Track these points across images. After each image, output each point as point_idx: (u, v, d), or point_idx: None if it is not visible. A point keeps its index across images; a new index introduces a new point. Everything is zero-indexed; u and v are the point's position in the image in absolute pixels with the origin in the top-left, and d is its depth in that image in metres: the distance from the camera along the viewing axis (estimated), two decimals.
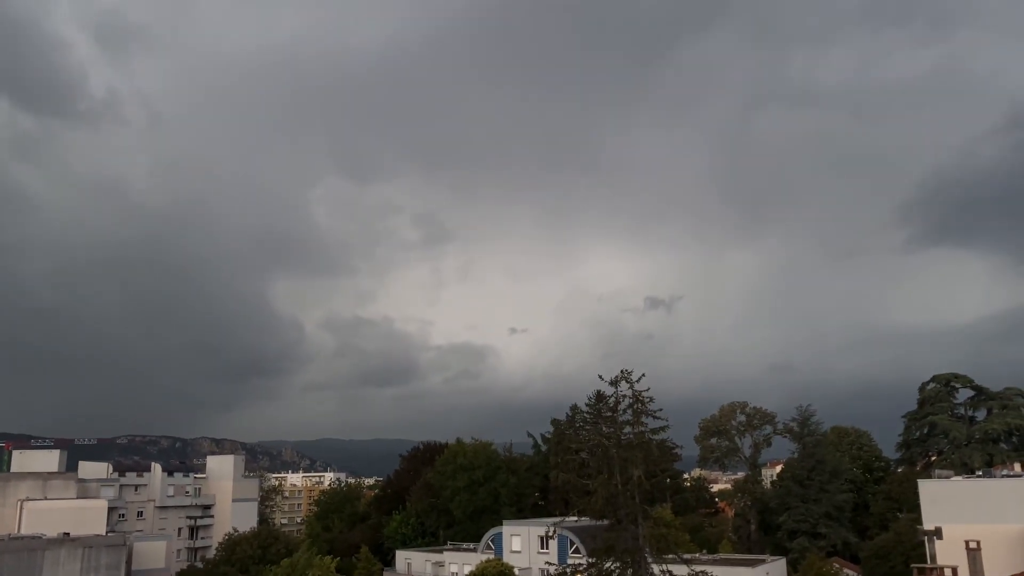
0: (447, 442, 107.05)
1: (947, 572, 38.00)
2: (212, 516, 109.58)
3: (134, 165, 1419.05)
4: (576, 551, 66.15)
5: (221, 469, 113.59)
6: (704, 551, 72.81)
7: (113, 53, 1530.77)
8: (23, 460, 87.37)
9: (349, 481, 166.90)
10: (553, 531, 60.07)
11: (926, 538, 45.61)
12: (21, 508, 66.55)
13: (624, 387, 43.61)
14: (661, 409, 43.66)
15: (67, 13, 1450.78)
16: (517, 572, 66.38)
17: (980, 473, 58.86)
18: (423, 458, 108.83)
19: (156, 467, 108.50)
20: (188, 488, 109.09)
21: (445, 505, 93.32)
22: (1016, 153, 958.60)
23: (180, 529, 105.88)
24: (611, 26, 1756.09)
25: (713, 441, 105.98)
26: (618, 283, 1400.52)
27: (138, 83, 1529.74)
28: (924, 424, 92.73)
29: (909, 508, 70.40)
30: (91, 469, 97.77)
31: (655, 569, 42.73)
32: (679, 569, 43.33)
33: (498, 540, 75.87)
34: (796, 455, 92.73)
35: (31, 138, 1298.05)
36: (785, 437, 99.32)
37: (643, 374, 43.59)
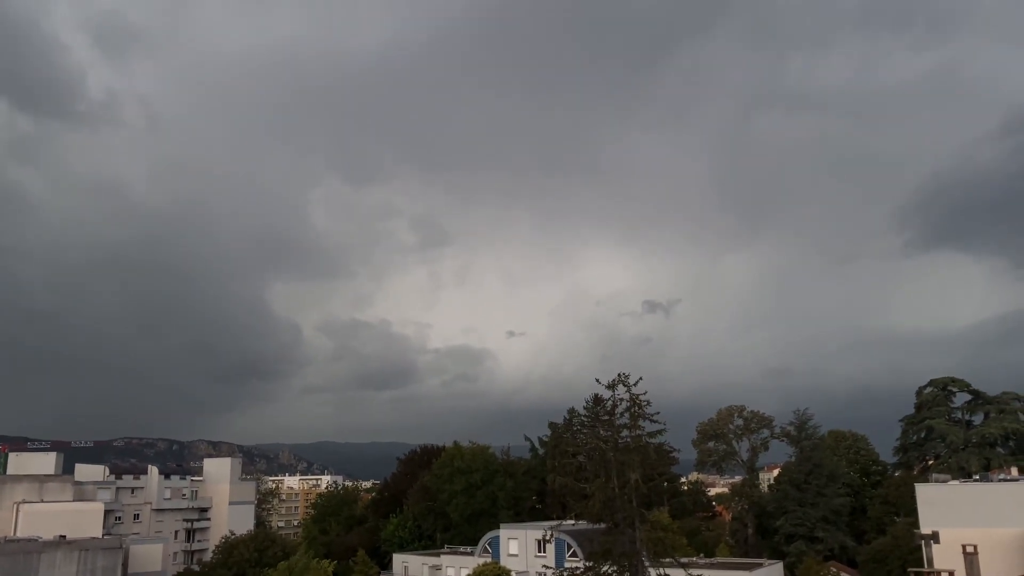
0: (444, 445, 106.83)
1: None
2: (209, 519, 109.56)
3: (132, 167, 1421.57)
4: (573, 555, 66.07)
5: (218, 472, 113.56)
6: (701, 555, 72.76)
7: (112, 54, 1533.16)
8: (20, 462, 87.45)
9: (346, 484, 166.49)
10: (550, 534, 60.04)
11: (923, 542, 45.67)
12: (17, 511, 66.49)
13: (621, 391, 43.47)
14: (658, 413, 43.55)
15: (66, 14, 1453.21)
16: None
17: (977, 477, 59.00)
18: (420, 461, 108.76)
19: (153, 470, 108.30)
20: (185, 491, 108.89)
21: (442, 508, 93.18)
22: (1014, 157, 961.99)
23: (177, 532, 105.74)
24: (610, 29, 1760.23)
25: (710, 445, 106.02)
26: (616, 286, 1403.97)
27: (137, 85, 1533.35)
28: (921, 428, 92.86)
29: (906, 512, 70.50)
30: (87, 472, 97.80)
31: (652, 573, 42.70)
32: (676, 573, 43.31)
33: (495, 543, 75.75)
34: (793, 459, 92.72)
35: (30, 139, 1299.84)
36: (782, 441, 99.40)
37: (640, 377, 43.47)
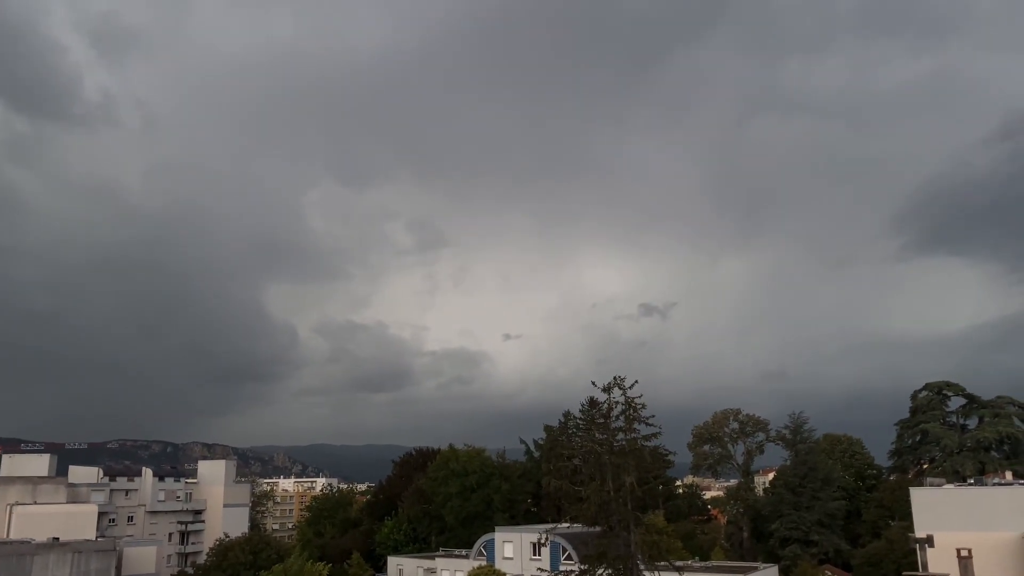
0: (440, 448, 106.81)
1: None
2: (203, 521, 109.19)
3: (129, 168, 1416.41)
4: (568, 558, 65.98)
5: (212, 474, 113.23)
6: (696, 558, 72.85)
7: (108, 56, 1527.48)
8: (13, 464, 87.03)
9: (341, 487, 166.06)
10: (545, 538, 59.81)
11: (918, 546, 45.68)
12: (11, 512, 66.30)
13: (617, 394, 43.42)
14: (654, 416, 43.53)
15: (62, 16, 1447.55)
16: None
17: (972, 481, 59.19)
18: (415, 464, 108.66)
19: (147, 472, 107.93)
20: (179, 493, 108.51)
21: (437, 511, 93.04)
22: (1009, 162, 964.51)
23: (171, 534, 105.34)
24: (606, 33, 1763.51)
25: (706, 448, 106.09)
26: (612, 290, 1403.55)
27: (133, 86, 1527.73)
28: (916, 432, 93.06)
29: (901, 516, 70.70)
30: (81, 474, 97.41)
31: None
32: None
33: (490, 546, 75.58)
34: (788, 462, 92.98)
35: (26, 141, 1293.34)
36: (778, 444, 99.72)
37: (636, 381, 43.40)
